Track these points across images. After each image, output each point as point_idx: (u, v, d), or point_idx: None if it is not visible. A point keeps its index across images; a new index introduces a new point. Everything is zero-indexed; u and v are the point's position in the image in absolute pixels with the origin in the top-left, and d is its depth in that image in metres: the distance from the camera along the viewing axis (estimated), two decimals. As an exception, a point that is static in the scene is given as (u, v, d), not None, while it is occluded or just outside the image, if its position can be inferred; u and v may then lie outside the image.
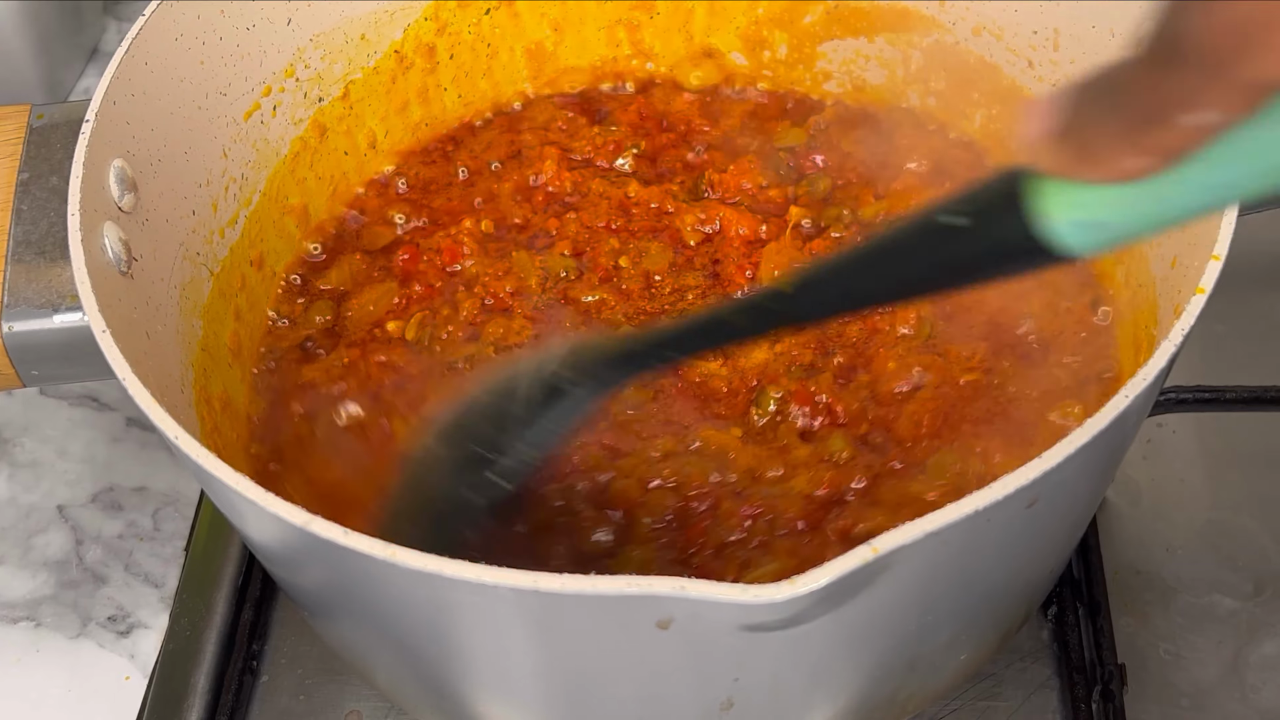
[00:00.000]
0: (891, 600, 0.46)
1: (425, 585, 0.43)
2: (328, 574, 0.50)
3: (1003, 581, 0.53)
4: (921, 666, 0.54)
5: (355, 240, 0.71)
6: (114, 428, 0.78)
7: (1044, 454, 0.43)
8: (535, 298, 0.67)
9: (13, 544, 0.74)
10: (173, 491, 0.75)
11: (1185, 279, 0.53)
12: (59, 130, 0.62)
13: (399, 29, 0.71)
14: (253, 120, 0.66)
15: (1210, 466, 0.71)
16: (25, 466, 0.77)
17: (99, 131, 0.55)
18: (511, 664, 0.49)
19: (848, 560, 0.40)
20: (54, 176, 0.60)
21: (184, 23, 0.61)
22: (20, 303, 0.58)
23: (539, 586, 0.41)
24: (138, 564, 0.73)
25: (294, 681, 0.66)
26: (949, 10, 0.70)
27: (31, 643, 0.70)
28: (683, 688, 0.49)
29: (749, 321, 0.47)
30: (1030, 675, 0.64)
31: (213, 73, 0.63)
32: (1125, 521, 0.69)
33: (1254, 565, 0.68)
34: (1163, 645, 0.66)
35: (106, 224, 0.55)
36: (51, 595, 0.72)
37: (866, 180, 0.70)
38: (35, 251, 0.59)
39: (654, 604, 0.41)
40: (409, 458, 0.57)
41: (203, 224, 0.63)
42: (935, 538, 0.41)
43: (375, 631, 0.54)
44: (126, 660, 0.70)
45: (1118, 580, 0.67)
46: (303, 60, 0.68)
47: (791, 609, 0.41)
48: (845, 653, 0.49)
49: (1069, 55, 0.66)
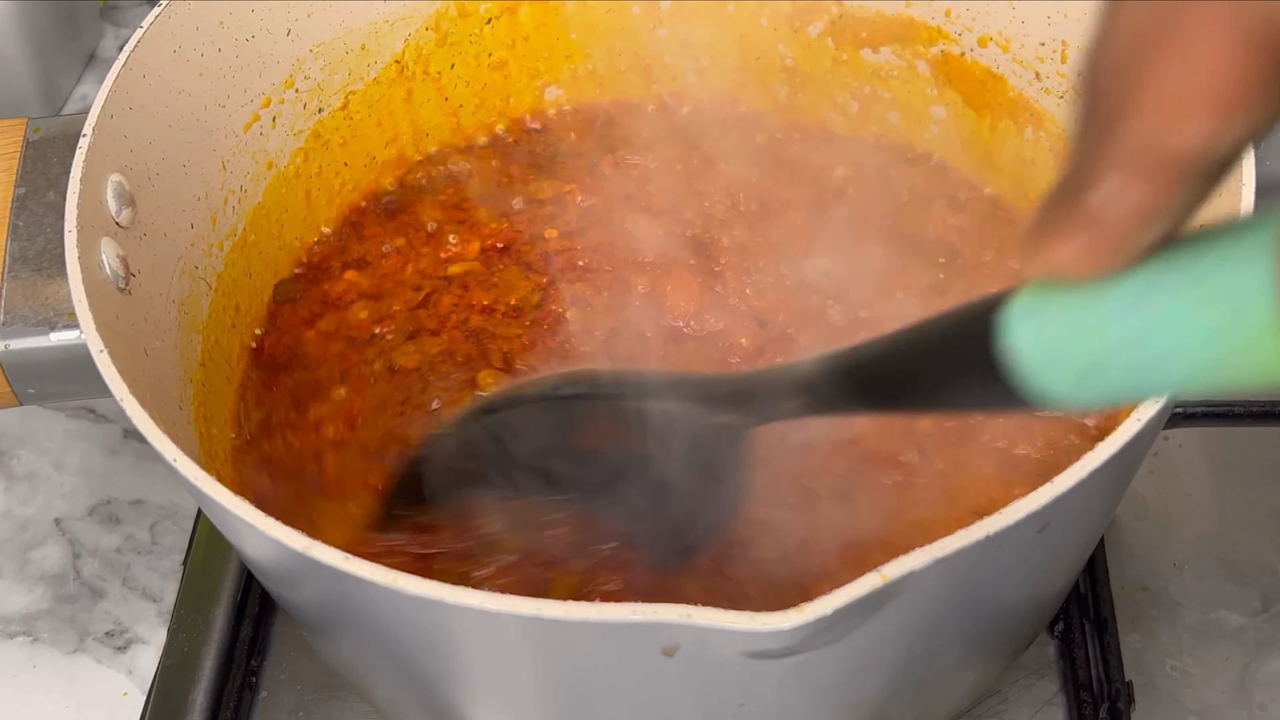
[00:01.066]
0: (899, 625, 0.45)
1: (427, 611, 0.43)
2: (327, 596, 0.49)
3: (1011, 604, 0.53)
4: (928, 689, 0.54)
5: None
6: (111, 440, 0.78)
7: (1055, 479, 0.42)
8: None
9: (9, 558, 0.73)
10: (171, 505, 0.75)
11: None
12: (55, 144, 0.61)
13: (399, 39, 0.71)
14: (252, 132, 0.66)
15: (1218, 481, 0.71)
16: (22, 479, 0.76)
17: (96, 146, 0.55)
18: (514, 688, 0.49)
19: (856, 587, 0.40)
20: (51, 191, 0.60)
21: (182, 34, 0.60)
22: (16, 320, 0.57)
23: (542, 614, 0.40)
24: (135, 578, 0.72)
25: (293, 698, 0.65)
26: (955, 21, 0.69)
27: (28, 658, 0.70)
28: (688, 714, 0.48)
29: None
30: (1037, 692, 0.64)
31: (211, 84, 0.63)
32: (1132, 537, 0.69)
33: (1262, 581, 0.68)
34: (1170, 662, 0.65)
35: (104, 240, 0.54)
36: (48, 610, 0.71)
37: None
38: (31, 268, 0.58)
39: (660, 631, 0.41)
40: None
41: (201, 238, 0.62)
42: (945, 564, 0.41)
43: (374, 651, 0.53)
44: (124, 676, 0.69)
45: (1124, 596, 0.67)
46: (302, 71, 0.67)
47: (799, 636, 0.40)
48: (852, 678, 0.49)
49: (1077, 67, 0.65)
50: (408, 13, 0.70)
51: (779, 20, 0.74)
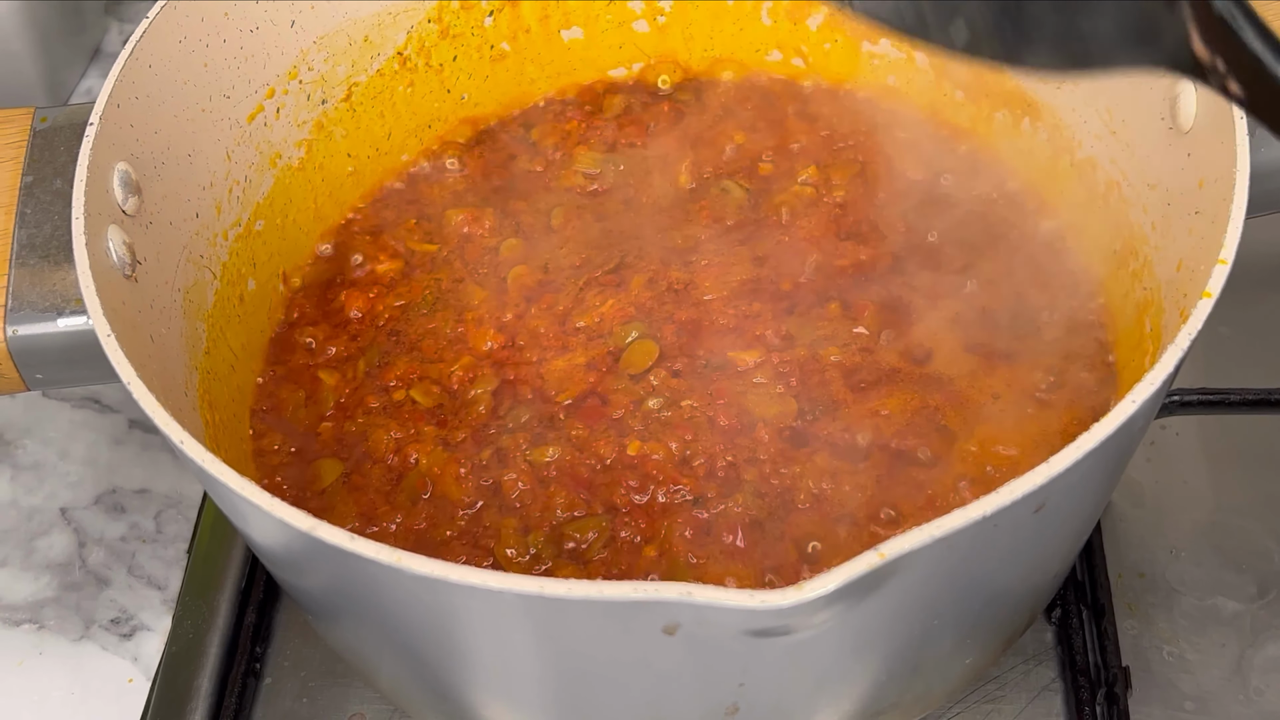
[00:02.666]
0: (898, 605, 0.46)
1: (430, 590, 0.43)
2: (332, 578, 0.49)
3: (1009, 586, 0.53)
4: (926, 670, 0.54)
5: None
6: (116, 429, 0.78)
7: (1051, 459, 0.43)
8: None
9: (15, 546, 0.74)
10: (175, 493, 0.75)
11: (1191, 283, 0.53)
12: (62, 133, 0.62)
13: (402, 31, 0.71)
14: (256, 122, 0.66)
15: (1214, 469, 0.71)
16: (28, 469, 0.77)
17: (103, 135, 0.55)
18: (516, 668, 0.49)
19: (855, 565, 0.40)
20: (58, 180, 0.60)
21: (187, 25, 0.61)
22: (24, 306, 0.58)
23: (544, 592, 0.41)
24: (140, 566, 0.73)
25: (297, 684, 0.66)
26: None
27: (34, 645, 0.70)
28: (688, 693, 0.49)
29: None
30: (1034, 678, 0.64)
31: (216, 75, 0.63)
32: (1129, 524, 0.69)
33: (1257, 567, 0.68)
34: (1166, 648, 0.66)
35: (110, 227, 0.55)
36: (54, 598, 0.72)
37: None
38: (39, 255, 0.58)
39: (660, 609, 0.41)
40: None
41: (206, 226, 0.63)
42: (943, 543, 0.41)
43: (379, 635, 0.54)
44: (129, 663, 0.70)
45: (1121, 583, 0.67)
46: (306, 62, 0.68)
47: (798, 614, 0.41)
48: (851, 657, 0.49)
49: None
50: (410, 5, 0.71)
51: (779, 14, 0.75)
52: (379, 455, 0.62)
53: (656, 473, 0.59)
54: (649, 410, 0.62)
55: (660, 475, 0.59)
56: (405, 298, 0.68)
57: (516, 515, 0.59)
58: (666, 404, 0.62)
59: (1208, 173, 0.54)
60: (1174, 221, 0.58)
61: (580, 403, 0.62)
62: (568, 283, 0.67)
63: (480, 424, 0.62)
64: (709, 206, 0.70)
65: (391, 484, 0.61)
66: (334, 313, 0.68)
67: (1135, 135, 0.62)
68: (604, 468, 0.60)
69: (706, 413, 0.61)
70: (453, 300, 0.68)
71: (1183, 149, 0.57)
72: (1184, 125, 0.57)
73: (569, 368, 0.64)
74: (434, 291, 0.68)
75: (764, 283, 0.66)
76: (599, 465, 0.60)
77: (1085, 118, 0.66)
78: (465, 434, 0.62)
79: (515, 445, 0.61)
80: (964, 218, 0.69)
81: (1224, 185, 0.51)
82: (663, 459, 0.60)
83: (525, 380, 0.64)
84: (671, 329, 0.65)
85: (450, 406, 0.63)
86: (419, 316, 0.67)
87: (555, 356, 0.64)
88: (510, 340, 0.65)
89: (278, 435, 0.63)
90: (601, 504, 0.59)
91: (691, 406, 0.61)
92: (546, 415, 0.62)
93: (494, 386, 0.63)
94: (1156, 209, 0.60)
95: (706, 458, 0.60)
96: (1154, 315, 0.58)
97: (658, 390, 0.62)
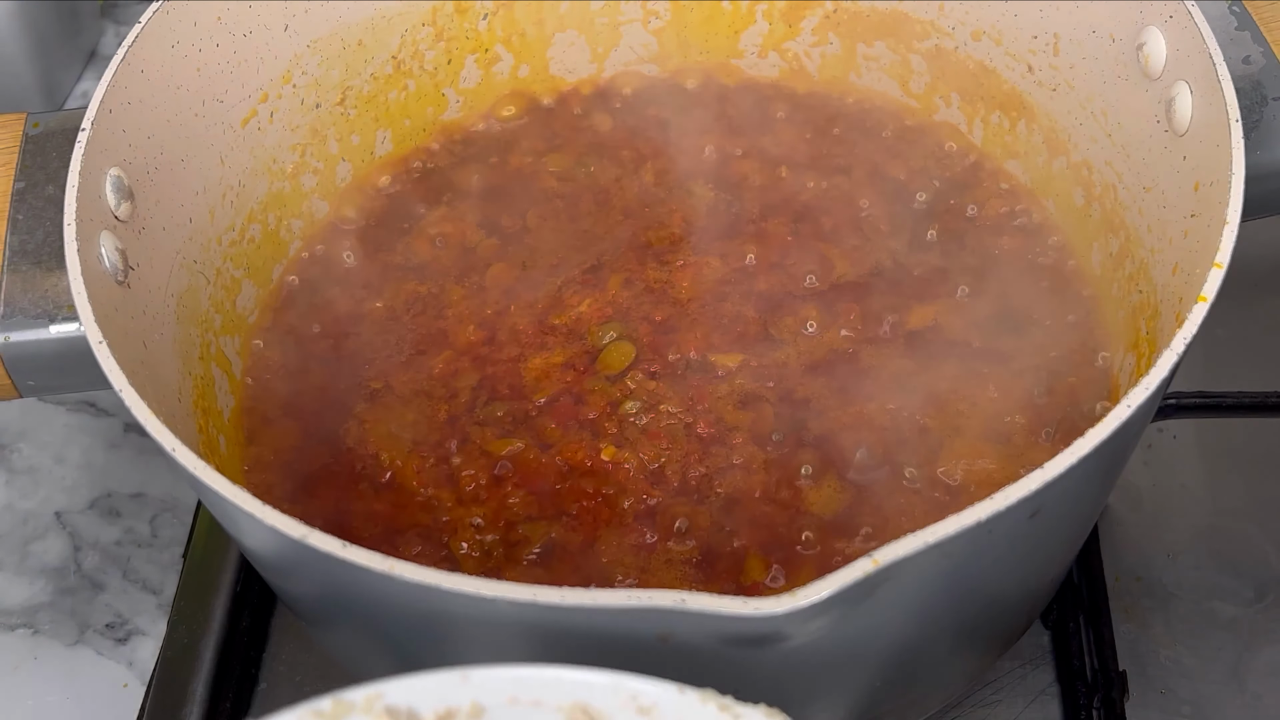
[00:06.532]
0: (892, 611, 0.46)
1: (424, 597, 0.43)
2: (325, 585, 0.49)
3: (1005, 591, 0.53)
4: (922, 676, 0.54)
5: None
6: (111, 433, 0.78)
7: (1046, 464, 0.42)
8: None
9: (10, 551, 0.74)
10: (170, 498, 0.75)
11: (1187, 286, 0.53)
12: (55, 139, 0.61)
13: (396, 35, 0.71)
14: (250, 127, 0.66)
15: (1211, 472, 0.71)
16: (22, 473, 0.77)
17: (95, 140, 0.55)
18: (510, 675, 0.49)
19: (848, 572, 0.40)
20: (50, 185, 0.60)
21: (180, 29, 0.61)
22: (16, 313, 0.57)
23: (538, 599, 0.41)
24: (135, 571, 0.73)
25: (292, 689, 0.65)
26: (948, 16, 0.70)
27: (29, 650, 0.70)
28: (682, 700, 0.48)
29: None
30: (1031, 682, 0.64)
31: (210, 80, 0.63)
32: (1126, 527, 0.69)
33: (1255, 571, 0.68)
34: (1164, 652, 0.66)
35: (103, 233, 0.54)
36: (49, 602, 0.72)
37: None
38: (31, 261, 0.58)
39: (654, 617, 0.41)
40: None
41: (199, 232, 0.63)
42: (937, 549, 0.41)
43: (373, 641, 0.53)
44: (124, 668, 0.69)
45: (1118, 586, 0.67)
46: (300, 66, 0.68)
47: (791, 621, 0.40)
48: (845, 664, 0.49)
49: (1069, 60, 0.65)
50: (405, 9, 0.71)
51: (774, 16, 0.75)
52: (354, 447, 0.62)
53: (625, 481, 0.59)
54: (625, 414, 0.62)
55: (628, 484, 0.59)
56: (390, 298, 0.68)
57: (477, 509, 0.59)
58: (644, 408, 0.62)
59: (1203, 176, 0.54)
60: (1169, 225, 0.57)
61: (554, 401, 0.62)
62: (545, 280, 0.68)
63: (452, 417, 0.62)
64: (690, 208, 0.70)
65: (358, 474, 0.61)
66: (323, 310, 0.68)
67: (1131, 139, 0.62)
68: (570, 469, 0.60)
69: (684, 419, 0.61)
70: (431, 302, 0.68)
71: (1178, 152, 0.57)
72: (1180, 128, 0.57)
73: (546, 366, 0.64)
74: (416, 290, 0.68)
75: (746, 284, 0.66)
76: (566, 467, 0.60)
77: (1080, 121, 0.65)
78: (437, 427, 0.62)
79: (483, 439, 0.61)
80: (956, 221, 0.69)
81: (1220, 188, 0.51)
82: (634, 468, 0.60)
83: (502, 377, 0.64)
84: (648, 329, 0.65)
85: (428, 400, 0.63)
86: (403, 313, 0.67)
87: (533, 354, 0.64)
88: (490, 336, 0.65)
89: (270, 439, 0.63)
90: (556, 507, 0.59)
91: (668, 411, 0.62)
92: (520, 412, 0.62)
93: (474, 382, 0.64)
94: (1152, 212, 0.60)
95: (680, 467, 0.60)
96: (1149, 319, 0.58)
97: (635, 393, 0.62)
